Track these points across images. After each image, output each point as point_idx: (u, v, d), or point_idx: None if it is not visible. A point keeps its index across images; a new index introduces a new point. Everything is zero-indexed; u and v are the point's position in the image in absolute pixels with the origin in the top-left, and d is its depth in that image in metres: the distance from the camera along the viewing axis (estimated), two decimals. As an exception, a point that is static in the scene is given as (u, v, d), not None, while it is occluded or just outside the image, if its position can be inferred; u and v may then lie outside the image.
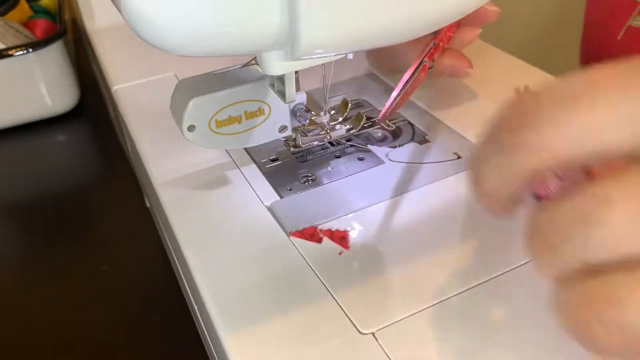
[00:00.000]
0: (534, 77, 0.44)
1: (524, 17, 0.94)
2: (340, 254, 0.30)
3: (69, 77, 0.61)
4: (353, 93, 0.44)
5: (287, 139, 0.37)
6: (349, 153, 0.38)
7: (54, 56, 0.58)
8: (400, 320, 0.26)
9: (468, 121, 0.39)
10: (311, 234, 0.31)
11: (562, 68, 0.57)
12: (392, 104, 0.36)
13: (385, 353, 0.25)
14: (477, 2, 0.27)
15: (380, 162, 0.36)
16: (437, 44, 0.37)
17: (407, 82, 0.36)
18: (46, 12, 0.67)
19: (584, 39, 0.59)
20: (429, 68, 0.37)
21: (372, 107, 0.42)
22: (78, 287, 0.43)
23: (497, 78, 0.44)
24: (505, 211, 0.19)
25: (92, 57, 0.60)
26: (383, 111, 0.36)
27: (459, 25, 0.40)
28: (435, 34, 0.38)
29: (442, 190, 0.34)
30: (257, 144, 0.35)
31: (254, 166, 0.37)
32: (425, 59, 0.36)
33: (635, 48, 0.51)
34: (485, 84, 0.43)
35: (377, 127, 0.40)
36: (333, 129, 0.37)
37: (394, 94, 0.36)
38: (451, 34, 0.39)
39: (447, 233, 0.31)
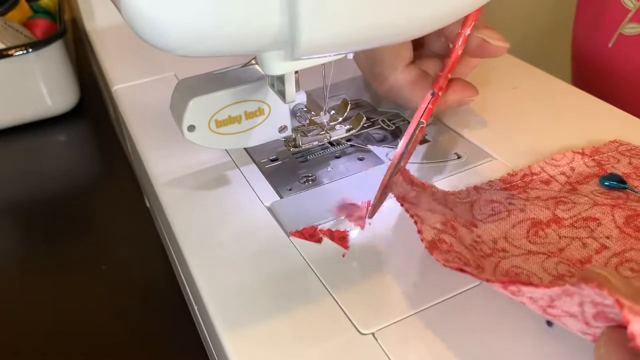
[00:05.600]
0: (533, 77, 0.45)
1: (523, 17, 0.95)
2: (343, 255, 0.30)
3: (69, 77, 0.61)
4: (353, 93, 0.44)
5: (287, 139, 0.37)
6: (349, 153, 0.38)
7: (54, 56, 0.58)
8: (400, 320, 0.26)
9: (468, 121, 0.39)
10: (311, 234, 0.31)
11: (561, 68, 0.57)
12: (389, 178, 0.31)
13: (385, 353, 0.25)
14: (475, 3, 0.27)
15: (380, 162, 0.36)
16: (436, 95, 0.33)
17: (403, 153, 0.31)
18: (46, 12, 0.67)
19: (574, 45, 0.59)
20: (427, 126, 0.33)
21: (372, 107, 0.42)
22: (78, 287, 0.43)
23: (497, 78, 0.44)
24: None
25: (92, 57, 0.60)
26: (379, 191, 0.31)
27: (462, 56, 0.36)
28: (434, 81, 0.34)
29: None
30: (257, 144, 0.35)
31: (254, 166, 0.37)
32: (422, 119, 0.32)
33: (626, 56, 0.51)
34: (485, 84, 0.43)
35: (377, 127, 0.40)
36: (333, 129, 0.37)
37: (394, 160, 0.31)
38: (455, 64, 0.36)
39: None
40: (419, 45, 0.39)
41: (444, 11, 0.25)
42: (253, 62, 0.34)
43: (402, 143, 0.32)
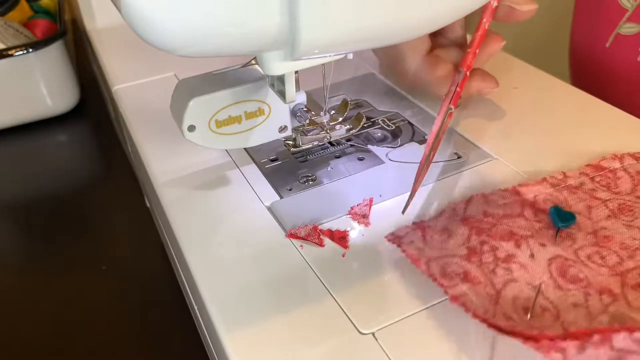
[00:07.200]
0: (533, 77, 0.45)
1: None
2: (343, 256, 0.30)
3: (69, 77, 0.61)
4: (353, 93, 0.44)
5: (287, 139, 0.37)
6: (349, 153, 0.38)
7: (54, 56, 0.58)
8: (400, 320, 0.26)
9: (468, 121, 0.39)
10: (310, 235, 0.31)
11: (560, 68, 0.57)
12: (424, 162, 0.32)
13: (385, 353, 0.25)
14: (474, 3, 0.27)
15: (380, 162, 0.36)
16: (465, 75, 0.33)
17: (435, 138, 0.32)
18: (46, 12, 0.67)
19: (573, 45, 0.59)
20: (456, 107, 0.33)
21: (372, 107, 0.42)
22: (78, 287, 0.43)
23: (497, 78, 0.44)
24: None
25: (92, 57, 0.60)
26: (420, 178, 0.32)
27: (485, 39, 0.37)
28: (462, 59, 0.34)
29: (442, 189, 0.34)
30: (257, 144, 0.35)
31: (254, 166, 0.37)
32: (451, 105, 0.32)
33: (624, 55, 0.51)
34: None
35: (377, 127, 0.40)
36: (333, 129, 0.37)
37: (426, 150, 0.32)
38: (482, 38, 0.35)
39: (447, 233, 0.31)
40: (435, 33, 0.40)
41: (443, 11, 0.25)
42: (253, 62, 0.34)
43: (432, 132, 0.32)
